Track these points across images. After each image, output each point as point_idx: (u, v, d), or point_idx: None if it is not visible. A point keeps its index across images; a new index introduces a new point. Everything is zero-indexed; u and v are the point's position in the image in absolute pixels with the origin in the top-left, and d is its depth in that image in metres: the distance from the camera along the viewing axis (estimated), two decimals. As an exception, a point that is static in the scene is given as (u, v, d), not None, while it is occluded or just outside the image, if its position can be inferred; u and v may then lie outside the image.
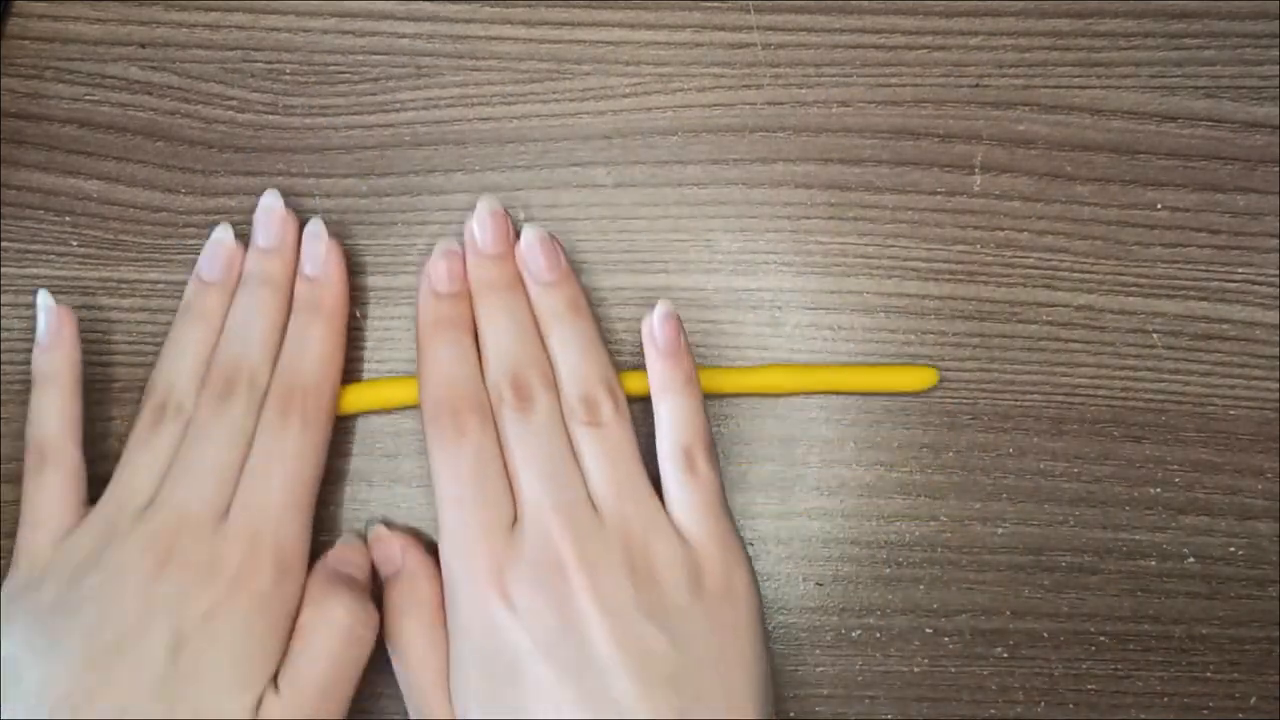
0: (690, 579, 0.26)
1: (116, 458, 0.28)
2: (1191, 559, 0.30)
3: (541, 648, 0.25)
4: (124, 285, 0.31)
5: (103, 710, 0.24)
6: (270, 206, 0.29)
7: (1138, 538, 0.30)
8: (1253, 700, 0.30)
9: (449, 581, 0.27)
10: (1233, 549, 0.30)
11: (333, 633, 0.27)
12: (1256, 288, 0.31)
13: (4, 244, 0.31)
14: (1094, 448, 0.31)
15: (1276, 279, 0.31)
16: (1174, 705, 0.30)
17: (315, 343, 0.29)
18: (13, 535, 0.30)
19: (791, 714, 0.30)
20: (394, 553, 0.29)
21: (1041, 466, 0.31)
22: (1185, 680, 0.30)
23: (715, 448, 0.28)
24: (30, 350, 0.29)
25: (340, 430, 0.30)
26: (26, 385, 0.31)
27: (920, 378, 0.30)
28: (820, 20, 0.32)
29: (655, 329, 0.28)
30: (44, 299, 0.29)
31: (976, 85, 0.32)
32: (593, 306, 0.29)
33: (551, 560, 0.26)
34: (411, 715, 0.28)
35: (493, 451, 0.27)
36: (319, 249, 0.29)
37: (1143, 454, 0.31)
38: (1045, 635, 0.30)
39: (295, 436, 0.28)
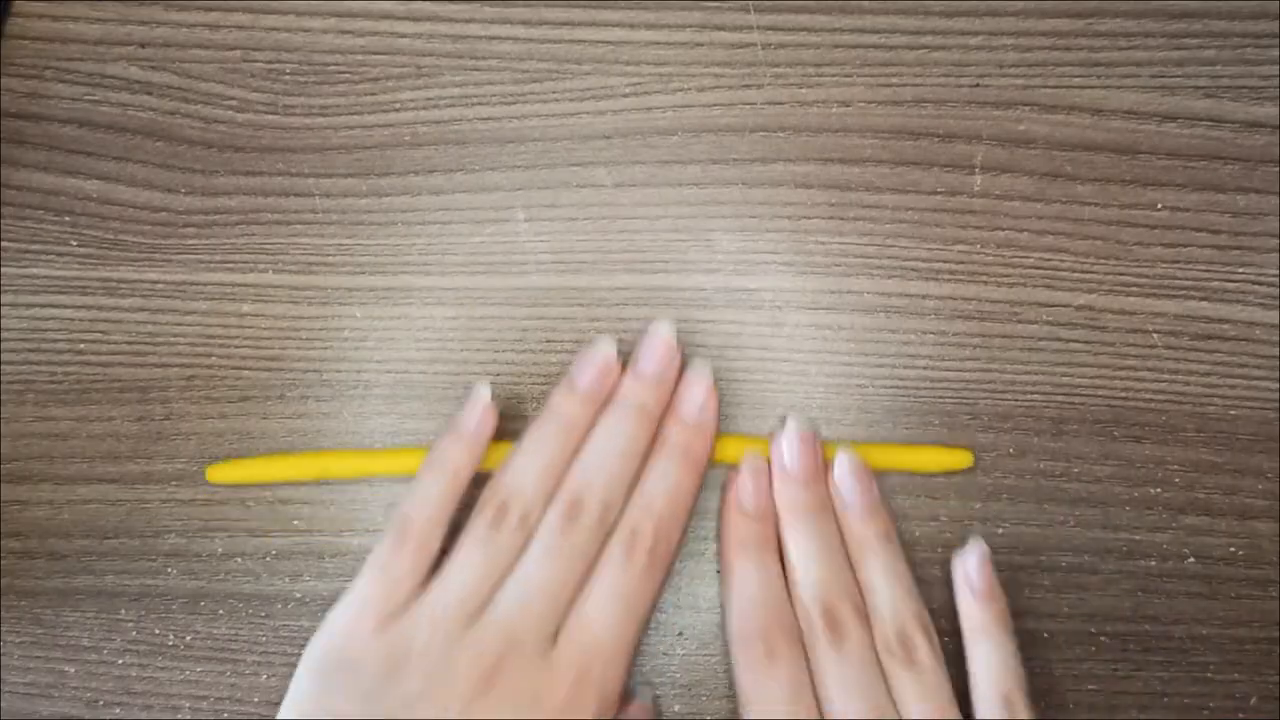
0: None
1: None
2: (1191, 559, 0.30)
3: None
4: (124, 285, 0.31)
5: None
6: (662, 335, 0.29)
7: (1138, 538, 0.30)
8: (1253, 700, 0.30)
9: None
10: (1233, 549, 0.30)
11: None
12: (1256, 288, 0.31)
13: (4, 244, 0.31)
14: (1094, 448, 0.31)
15: (1276, 279, 0.31)
16: (1174, 705, 0.30)
17: (676, 485, 0.28)
18: (14, 536, 0.30)
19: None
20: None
21: (1041, 466, 0.31)
22: (1185, 680, 0.30)
23: (1030, 691, 0.28)
24: (30, 350, 0.29)
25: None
26: (27, 385, 0.31)
27: (955, 459, 0.30)
28: (820, 20, 0.32)
29: (971, 572, 0.29)
30: (483, 392, 0.29)
31: (976, 85, 0.32)
32: (899, 541, 0.29)
33: None
34: None
35: (805, 680, 0.27)
36: (702, 396, 0.29)
37: (1143, 454, 0.31)
38: (1045, 635, 0.30)
39: (639, 575, 0.27)
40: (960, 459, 0.30)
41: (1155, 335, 0.31)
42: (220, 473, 0.30)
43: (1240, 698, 0.30)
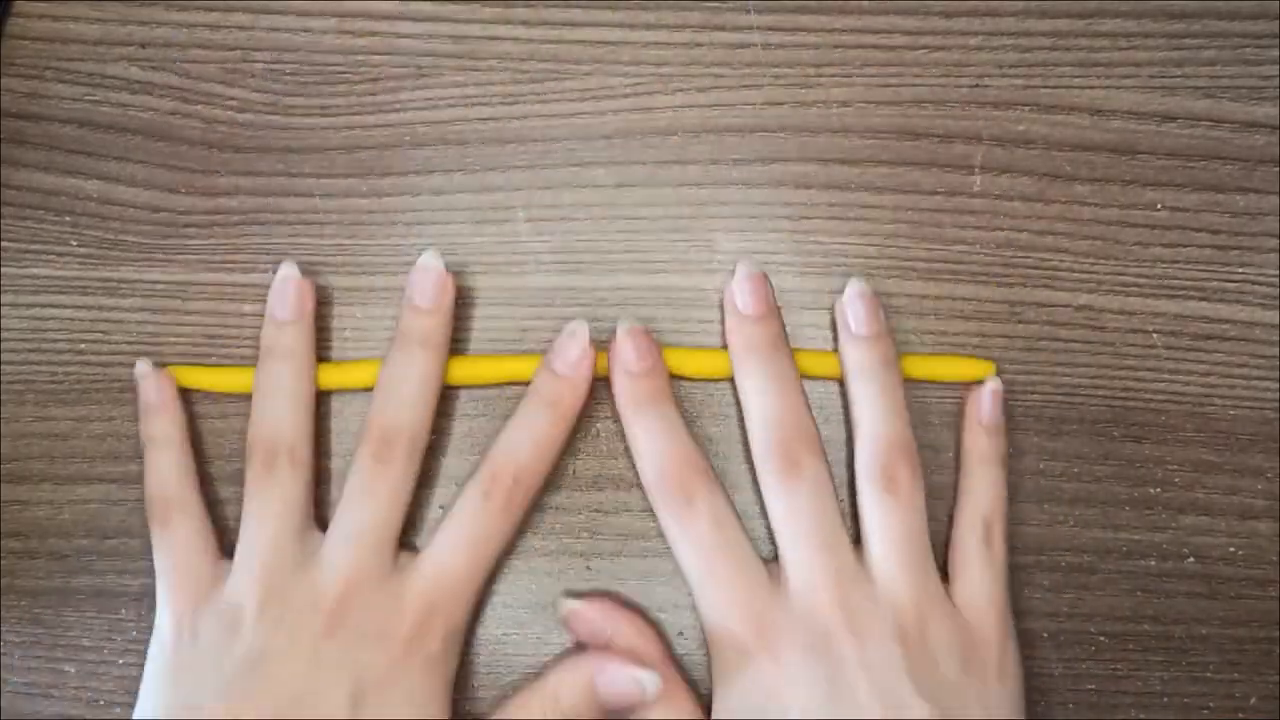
0: (965, 654, 0.26)
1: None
2: (1191, 559, 0.30)
3: (811, 715, 0.25)
4: (124, 285, 0.31)
5: None
6: (430, 265, 0.29)
7: (1138, 538, 0.30)
8: (1253, 700, 0.30)
9: (714, 640, 0.27)
10: (1233, 549, 0.30)
11: None
12: (1256, 288, 0.31)
13: (4, 244, 0.31)
14: (1094, 448, 0.31)
15: (1276, 279, 0.31)
16: (1174, 705, 0.30)
17: (541, 434, 0.28)
18: (14, 536, 0.30)
19: (791, 714, 0.30)
20: (598, 626, 0.28)
21: (1041, 466, 0.31)
22: (1185, 680, 0.30)
23: (1008, 529, 0.29)
24: (30, 350, 0.29)
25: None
26: (27, 385, 0.31)
27: (976, 368, 0.30)
28: (820, 20, 0.32)
29: (985, 404, 0.29)
30: (143, 366, 0.29)
31: (976, 85, 0.32)
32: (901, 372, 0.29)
33: (821, 628, 0.26)
34: None
35: (728, 513, 0.28)
36: (576, 354, 0.28)
37: (1143, 454, 0.31)
38: (1045, 635, 0.30)
39: (494, 517, 0.28)
40: (981, 368, 0.30)
41: (1155, 335, 0.31)
42: (190, 376, 0.30)
43: (1240, 698, 0.30)
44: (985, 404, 0.29)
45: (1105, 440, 0.31)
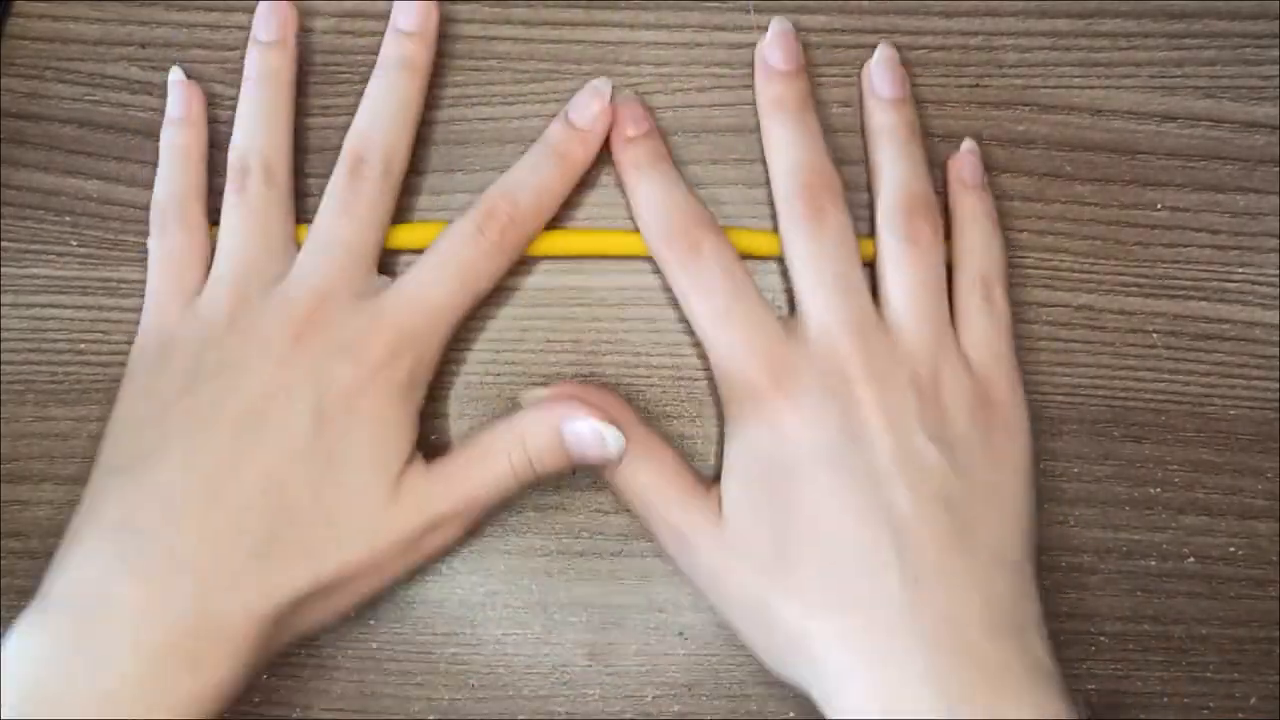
0: (975, 408, 0.27)
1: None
2: (1191, 559, 0.30)
3: (823, 454, 0.25)
4: (124, 285, 0.31)
5: (248, 478, 0.25)
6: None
7: (1138, 538, 0.30)
8: (1253, 700, 0.30)
9: (728, 388, 0.27)
10: (1233, 549, 0.30)
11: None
12: (1256, 288, 0.31)
13: (4, 244, 0.31)
14: (1094, 448, 0.31)
15: (1276, 279, 0.31)
16: (1174, 705, 0.30)
17: (544, 182, 0.29)
18: (14, 536, 0.30)
19: (791, 714, 0.30)
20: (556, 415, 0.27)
21: (1041, 466, 0.31)
22: (1185, 680, 0.30)
23: (1007, 280, 0.29)
24: (30, 350, 0.29)
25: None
26: (27, 385, 0.31)
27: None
28: (820, 20, 0.32)
29: (964, 162, 0.29)
30: (176, 74, 0.30)
31: (976, 85, 0.32)
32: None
33: (838, 371, 0.26)
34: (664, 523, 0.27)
35: (737, 262, 0.28)
36: (595, 108, 0.29)
37: (1143, 454, 0.31)
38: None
39: (485, 251, 0.28)
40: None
41: (1155, 335, 0.31)
42: None
43: (1240, 698, 0.30)
44: (965, 166, 0.30)
45: (1105, 440, 0.31)
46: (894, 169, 0.29)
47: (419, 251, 0.28)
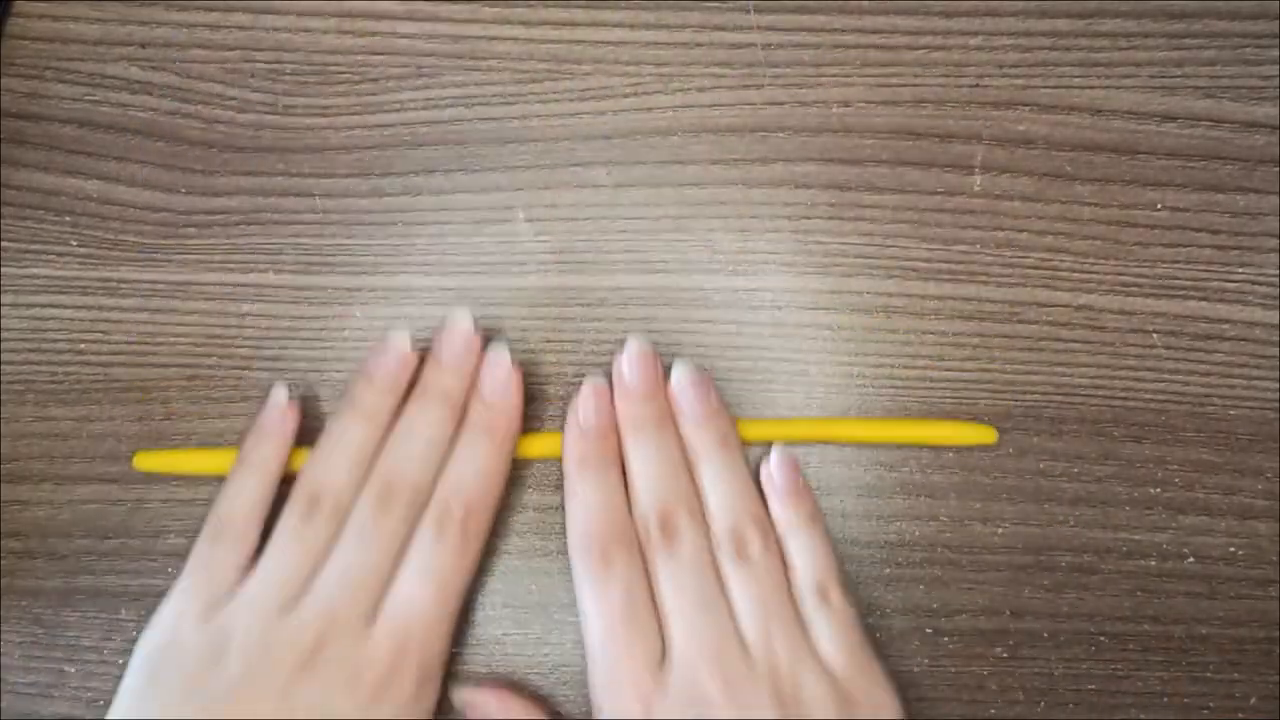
0: (839, 709, 0.26)
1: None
2: (1191, 559, 0.30)
3: None
4: (124, 285, 0.31)
5: None
6: (460, 327, 0.29)
7: (1138, 538, 0.30)
8: (1253, 700, 0.30)
9: (598, 713, 0.27)
10: (1233, 549, 0.30)
11: None
12: (1256, 288, 0.31)
13: (4, 244, 0.31)
14: (1094, 448, 0.31)
15: (1276, 279, 0.31)
16: (1174, 705, 0.30)
17: (483, 463, 0.29)
18: (14, 535, 0.30)
19: (791, 714, 0.30)
20: (490, 710, 0.29)
21: (1041, 466, 0.31)
22: (1185, 680, 0.30)
23: (847, 580, 0.29)
24: (30, 350, 0.29)
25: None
26: (27, 385, 0.31)
27: (977, 434, 0.30)
28: (820, 20, 0.32)
29: (774, 472, 0.29)
30: (280, 392, 0.29)
31: (976, 85, 0.32)
32: (741, 444, 0.30)
33: (700, 699, 0.26)
34: None
35: (641, 586, 0.28)
36: (501, 376, 0.29)
37: (1143, 454, 0.31)
38: (1045, 635, 0.30)
39: (452, 551, 0.28)
40: (982, 434, 0.30)
41: (1155, 335, 0.31)
42: (146, 461, 0.30)
43: (1240, 698, 0.30)
44: (776, 472, 0.29)
45: (1105, 440, 0.31)
46: (714, 491, 0.29)
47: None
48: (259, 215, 0.31)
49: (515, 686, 0.30)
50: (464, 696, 0.29)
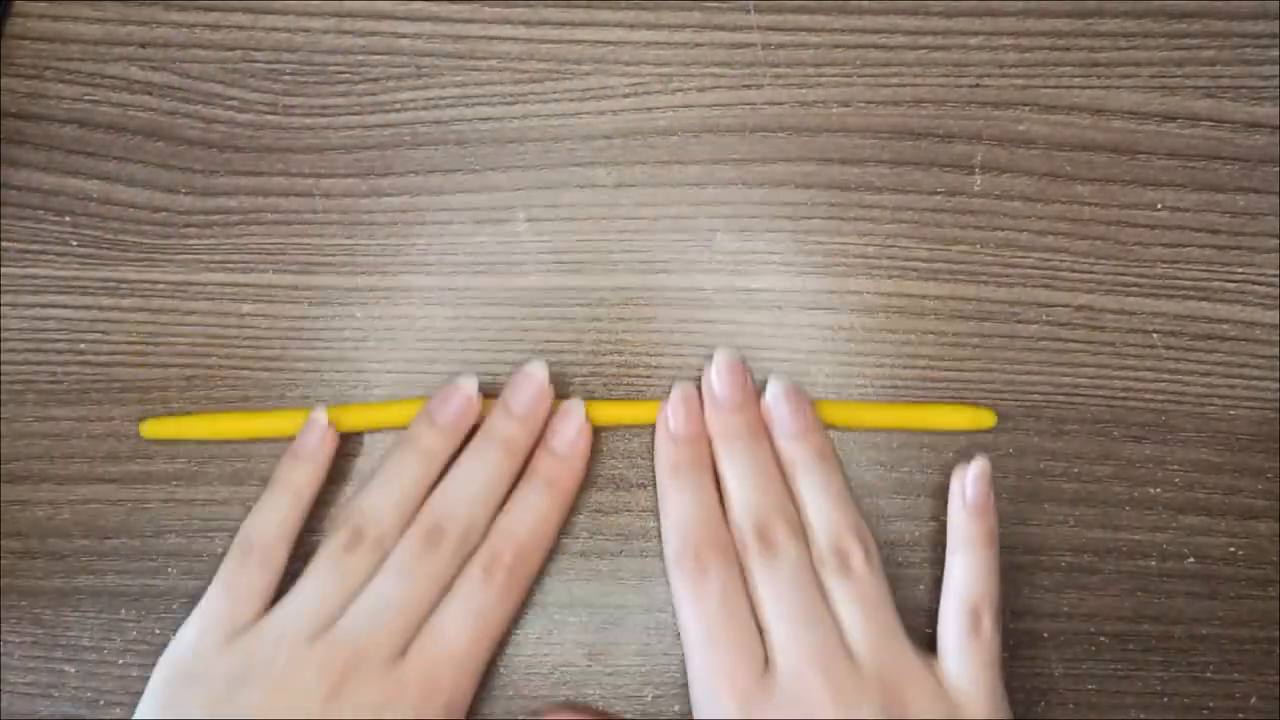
0: None
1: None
2: (1191, 559, 0.30)
3: None
4: (124, 285, 0.31)
5: None
6: (534, 376, 0.29)
7: (1138, 538, 0.30)
8: (1253, 700, 0.30)
9: (701, 706, 0.27)
10: (1233, 549, 0.30)
11: None
12: (1256, 288, 0.31)
13: (4, 244, 0.31)
14: (1094, 448, 0.31)
15: (1276, 279, 0.31)
16: (1174, 705, 0.30)
17: (541, 513, 0.29)
18: (14, 536, 0.30)
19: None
20: None
21: (1041, 466, 0.31)
22: (1185, 680, 0.30)
23: (1000, 609, 0.28)
24: (30, 350, 0.29)
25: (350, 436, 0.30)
26: (27, 385, 0.31)
27: (977, 418, 0.30)
28: (820, 20, 0.32)
29: (968, 486, 0.29)
30: (320, 415, 0.29)
31: (976, 85, 0.32)
32: (838, 457, 0.30)
33: (808, 707, 0.26)
34: None
35: (739, 593, 0.27)
36: (573, 430, 0.29)
37: (1143, 454, 0.31)
38: (1045, 635, 0.30)
39: (496, 596, 0.28)
40: (981, 418, 0.30)
41: (1155, 335, 0.31)
42: (155, 428, 0.30)
43: (1240, 698, 0.30)
44: (970, 486, 0.29)
45: (1105, 440, 0.31)
46: (814, 505, 0.28)
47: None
48: (259, 215, 0.31)
49: (585, 707, 0.29)
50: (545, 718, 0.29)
